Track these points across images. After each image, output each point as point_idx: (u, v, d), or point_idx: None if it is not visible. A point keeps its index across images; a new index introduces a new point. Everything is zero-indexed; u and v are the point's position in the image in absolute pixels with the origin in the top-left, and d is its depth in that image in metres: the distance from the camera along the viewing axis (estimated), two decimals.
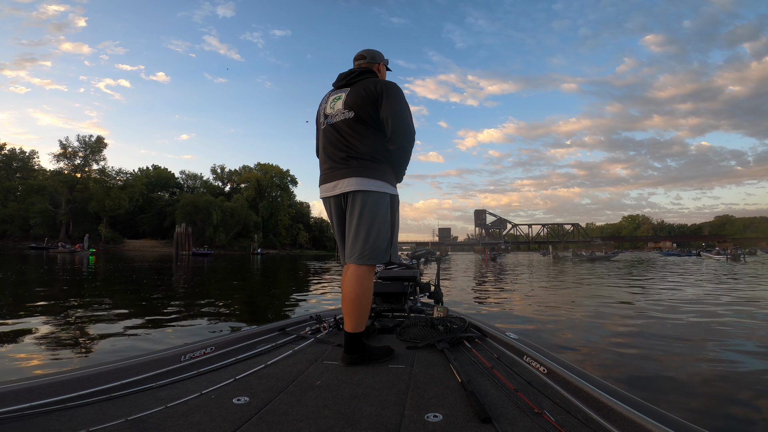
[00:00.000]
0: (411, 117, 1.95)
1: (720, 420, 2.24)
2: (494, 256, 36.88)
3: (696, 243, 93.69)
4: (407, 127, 1.90)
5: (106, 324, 4.68)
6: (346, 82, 2.04)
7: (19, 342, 3.75)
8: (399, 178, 2.07)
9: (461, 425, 1.21)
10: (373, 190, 1.88)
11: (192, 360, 1.81)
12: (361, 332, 1.88)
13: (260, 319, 5.73)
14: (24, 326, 4.41)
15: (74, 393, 1.39)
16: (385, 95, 1.90)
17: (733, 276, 13.55)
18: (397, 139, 1.90)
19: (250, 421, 1.24)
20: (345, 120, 1.94)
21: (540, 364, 1.66)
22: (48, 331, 4.21)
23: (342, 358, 1.88)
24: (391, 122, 1.88)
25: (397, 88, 1.94)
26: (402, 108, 1.90)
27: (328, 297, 8.09)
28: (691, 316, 5.37)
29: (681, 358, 3.38)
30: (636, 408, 1.17)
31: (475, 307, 6.77)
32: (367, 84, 1.94)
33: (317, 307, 6.59)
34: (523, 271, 18.25)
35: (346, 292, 1.87)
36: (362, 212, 1.87)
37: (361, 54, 2.15)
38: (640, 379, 2.89)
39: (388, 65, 2.26)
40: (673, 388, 2.70)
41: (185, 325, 4.80)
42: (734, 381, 2.85)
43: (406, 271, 3.15)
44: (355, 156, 1.91)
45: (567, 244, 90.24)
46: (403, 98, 1.95)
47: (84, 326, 4.60)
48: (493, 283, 11.73)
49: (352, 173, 1.89)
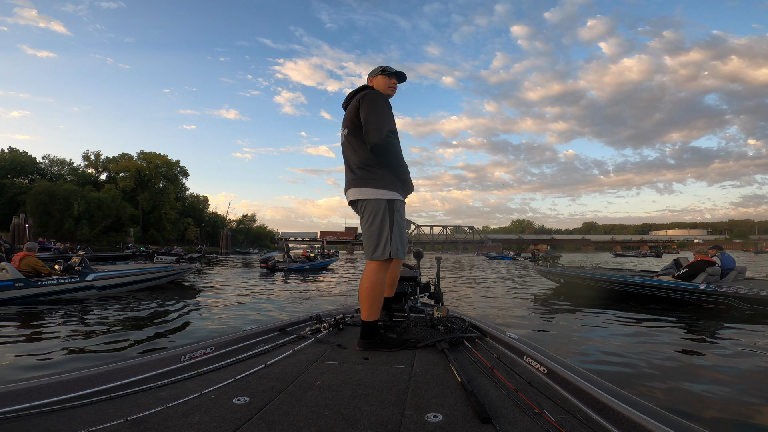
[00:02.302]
0: (384, 118, 2.04)
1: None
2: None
3: (568, 246, 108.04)
4: (376, 126, 2.01)
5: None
6: (347, 103, 2.28)
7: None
8: (405, 185, 2.22)
9: (461, 425, 1.22)
10: (369, 198, 2.11)
11: (192, 360, 1.82)
12: (375, 320, 2.08)
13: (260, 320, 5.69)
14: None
15: (74, 393, 1.39)
16: (360, 104, 2.09)
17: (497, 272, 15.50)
18: (368, 137, 2.04)
19: (250, 421, 1.24)
20: (344, 136, 2.21)
21: (540, 364, 1.66)
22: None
23: (358, 343, 2.08)
24: (363, 125, 2.06)
25: (372, 94, 2.12)
26: (372, 109, 2.04)
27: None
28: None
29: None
30: (636, 408, 1.17)
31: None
32: (355, 99, 2.15)
33: (318, 307, 6.60)
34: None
35: (360, 284, 2.12)
36: (363, 216, 2.15)
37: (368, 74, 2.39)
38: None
39: (391, 71, 2.32)
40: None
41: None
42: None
43: (406, 271, 3.12)
44: (353, 168, 2.16)
45: (465, 246, 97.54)
46: (376, 101, 2.08)
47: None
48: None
49: (352, 184, 2.17)
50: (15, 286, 6.62)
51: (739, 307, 6.20)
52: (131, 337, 4.58)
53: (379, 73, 2.30)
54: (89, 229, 50.62)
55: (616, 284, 7.94)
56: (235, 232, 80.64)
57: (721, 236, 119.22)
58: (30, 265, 7.17)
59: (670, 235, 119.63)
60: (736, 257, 7.80)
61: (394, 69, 2.32)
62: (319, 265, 18.93)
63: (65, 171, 63.85)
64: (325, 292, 9.93)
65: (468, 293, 9.57)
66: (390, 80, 2.30)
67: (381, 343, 2.06)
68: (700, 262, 7.12)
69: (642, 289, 7.41)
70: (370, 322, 2.06)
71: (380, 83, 2.28)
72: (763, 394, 2.86)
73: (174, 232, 66.22)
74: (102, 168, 67.98)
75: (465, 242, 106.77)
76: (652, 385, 3.03)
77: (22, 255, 7.26)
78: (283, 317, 4.49)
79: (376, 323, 2.09)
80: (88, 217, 50.60)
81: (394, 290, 2.62)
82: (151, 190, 64.31)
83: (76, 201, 48.86)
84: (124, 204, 56.84)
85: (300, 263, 17.65)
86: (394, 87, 2.33)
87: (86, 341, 4.34)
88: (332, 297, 9.03)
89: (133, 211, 59.12)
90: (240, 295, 8.80)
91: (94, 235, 51.54)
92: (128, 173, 63.64)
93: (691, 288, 6.76)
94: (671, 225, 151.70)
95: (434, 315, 2.56)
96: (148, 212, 63.29)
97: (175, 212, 66.25)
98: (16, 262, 7.07)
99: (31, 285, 6.86)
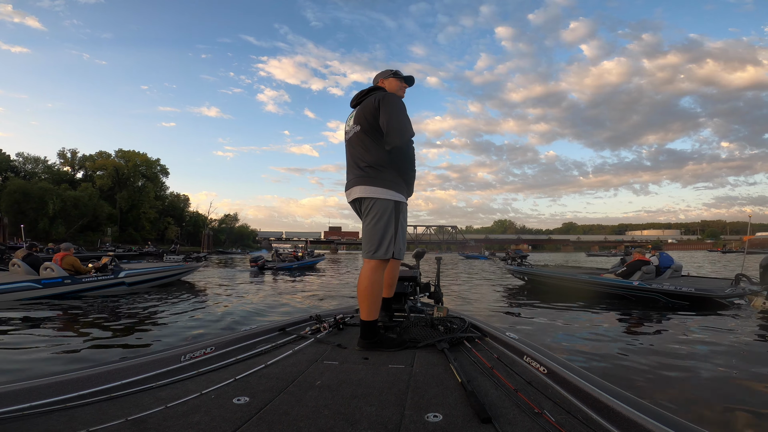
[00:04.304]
0: (406, 120, 2.09)
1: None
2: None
3: (549, 246, 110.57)
4: (399, 128, 2.04)
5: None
6: (357, 101, 2.31)
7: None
8: (410, 188, 2.27)
9: (461, 425, 1.22)
10: (376, 197, 2.13)
11: (192, 360, 1.82)
12: (374, 320, 2.08)
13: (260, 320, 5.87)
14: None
15: (74, 393, 1.40)
16: (381, 104, 2.10)
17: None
18: (389, 138, 2.06)
19: (250, 421, 1.25)
20: (355, 134, 2.21)
21: (540, 364, 1.66)
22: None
23: (358, 343, 2.09)
24: (384, 125, 2.07)
25: (393, 97, 2.15)
26: (394, 111, 2.07)
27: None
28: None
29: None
30: (636, 408, 1.18)
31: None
32: (370, 99, 2.18)
33: (317, 307, 6.92)
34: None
35: (359, 284, 2.13)
36: (368, 215, 2.15)
37: (376, 75, 2.43)
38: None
39: (402, 75, 2.40)
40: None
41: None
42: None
43: (406, 271, 3.14)
44: (362, 166, 2.16)
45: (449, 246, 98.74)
46: (398, 104, 2.12)
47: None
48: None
49: (359, 182, 2.17)
50: (64, 283, 7.53)
51: (663, 300, 7.00)
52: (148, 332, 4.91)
53: (391, 75, 2.37)
54: (65, 229, 49.43)
55: (568, 281, 8.74)
56: (217, 231, 79.57)
57: (693, 236, 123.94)
58: (70, 263, 7.95)
59: (645, 235, 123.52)
60: (702, 256, 8.74)
61: (403, 74, 2.43)
62: (307, 264, 19.47)
63: (40, 169, 62.13)
64: (317, 289, 10.14)
65: (450, 290, 9.97)
66: (401, 83, 2.39)
67: (381, 343, 2.07)
68: (637, 261, 7.91)
69: (588, 286, 8.16)
70: (370, 322, 2.07)
71: (393, 85, 2.35)
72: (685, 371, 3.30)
73: (153, 232, 65.12)
74: (78, 166, 66.25)
75: (448, 242, 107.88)
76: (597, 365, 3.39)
77: (63, 255, 8.00)
78: (282, 317, 4.68)
79: (375, 323, 2.09)
80: (63, 216, 49.43)
81: (393, 291, 2.63)
82: (129, 189, 63.06)
83: (51, 200, 47.71)
84: (101, 203, 55.64)
85: (288, 262, 18.20)
86: (404, 90, 2.43)
87: (116, 338, 4.66)
88: (326, 293, 9.40)
89: (111, 210, 57.89)
90: (237, 295, 9.04)
91: (70, 234, 50.31)
92: (106, 171, 62.27)
93: (626, 284, 7.54)
94: (647, 225, 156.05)
95: (434, 315, 2.57)
96: (127, 211, 62.05)
97: (154, 211, 65.10)
98: (58, 261, 7.78)
99: (76, 281, 7.75)
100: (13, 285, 6.96)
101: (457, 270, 19.35)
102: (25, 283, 7.09)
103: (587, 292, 8.13)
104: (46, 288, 7.26)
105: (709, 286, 7.10)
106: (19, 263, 7.69)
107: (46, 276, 7.40)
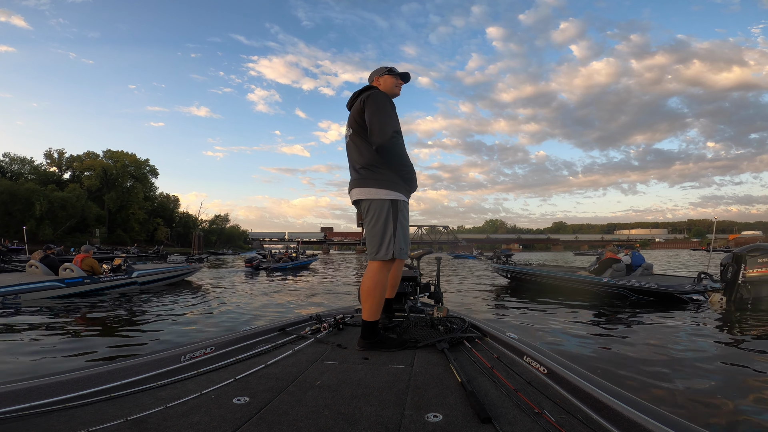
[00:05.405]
0: (388, 118, 2.03)
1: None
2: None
3: (539, 245, 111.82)
4: (379, 126, 2.00)
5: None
6: (351, 103, 2.28)
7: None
8: (409, 184, 2.21)
9: (461, 425, 1.22)
10: (372, 198, 2.12)
11: (192, 360, 1.82)
12: (376, 320, 2.07)
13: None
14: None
15: (74, 393, 1.40)
16: (366, 104, 2.07)
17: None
18: (372, 138, 2.03)
19: (250, 421, 1.25)
20: (349, 137, 2.21)
21: (540, 364, 1.66)
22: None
23: (358, 343, 2.08)
24: (368, 125, 2.04)
25: (376, 94, 2.10)
26: (376, 110, 2.03)
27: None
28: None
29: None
30: (636, 408, 1.18)
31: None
32: (360, 100, 2.15)
33: (316, 306, 7.07)
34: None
35: (362, 284, 2.11)
36: (367, 216, 2.15)
37: (371, 73, 2.38)
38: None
39: (397, 71, 2.34)
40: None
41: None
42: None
43: (406, 271, 3.11)
44: (358, 168, 2.16)
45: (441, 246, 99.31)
46: (379, 102, 2.06)
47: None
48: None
49: (356, 184, 2.18)
50: (84, 282, 8.15)
51: (629, 296, 7.44)
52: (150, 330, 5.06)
53: (385, 72, 2.32)
54: (52, 230, 48.88)
55: (547, 278, 9.17)
56: (208, 232, 79.06)
57: (680, 235, 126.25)
58: (89, 264, 8.52)
59: (633, 234, 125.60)
60: (688, 255, 9.20)
61: (399, 71, 2.36)
62: (301, 264, 19.72)
63: (26, 169, 61.29)
64: (312, 288, 10.29)
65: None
66: (396, 80, 2.33)
67: (381, 343, 2.07)
68: (608, 259, 8.34)
69: (565, 283, 8.59)
70: (371, 322, 2.06)
71: (387, 82, 2.30)
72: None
73: (143, 233, 64.61)
74: (66, 167, 65.40)
75: (440, 242, 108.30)
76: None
77: (83, 257, 8.52)
78: (281, 317, 4.64)
79: (376, 323, 2.09)
80: (51, 217, 48.87)
81: (395, 291, 2.62)
82: (118, 190, 62.41)
83: (38, 201, 47.16)
84: (89, 204, 55.04)
85: (283, 263, 18.45)
86: (399, 86, 2.36)
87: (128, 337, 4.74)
88: (321, 291, 9.64)
89: (99, 211, 57.32)
90: (235, 295, 9.14)
91: (58, 235, 49.78)
92: (94, 172, 61.56)
93: (596, 281, 7.97)
94: (635, 225, 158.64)
95: (434, 315, 2.58)
96: (115, 212, 61.45)
97: (143, 212, 64.56)
98: (78, 263, 8.32)
99: (95, 281, 8.36)
100: (41, 284, 7.56)
101: (446, 269, 19.63)
102: (50, 283, 7.72)
103: (564, 288, 8.56)
104: (69, 287, 7.91)
105: (671, 283, 7.54)
106: (37, 264, 8.18)
107: (67, 276, 8.03)
